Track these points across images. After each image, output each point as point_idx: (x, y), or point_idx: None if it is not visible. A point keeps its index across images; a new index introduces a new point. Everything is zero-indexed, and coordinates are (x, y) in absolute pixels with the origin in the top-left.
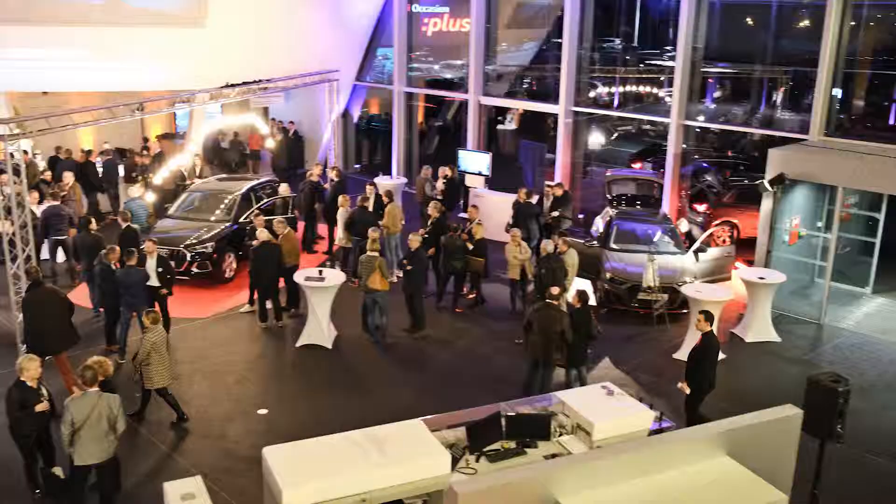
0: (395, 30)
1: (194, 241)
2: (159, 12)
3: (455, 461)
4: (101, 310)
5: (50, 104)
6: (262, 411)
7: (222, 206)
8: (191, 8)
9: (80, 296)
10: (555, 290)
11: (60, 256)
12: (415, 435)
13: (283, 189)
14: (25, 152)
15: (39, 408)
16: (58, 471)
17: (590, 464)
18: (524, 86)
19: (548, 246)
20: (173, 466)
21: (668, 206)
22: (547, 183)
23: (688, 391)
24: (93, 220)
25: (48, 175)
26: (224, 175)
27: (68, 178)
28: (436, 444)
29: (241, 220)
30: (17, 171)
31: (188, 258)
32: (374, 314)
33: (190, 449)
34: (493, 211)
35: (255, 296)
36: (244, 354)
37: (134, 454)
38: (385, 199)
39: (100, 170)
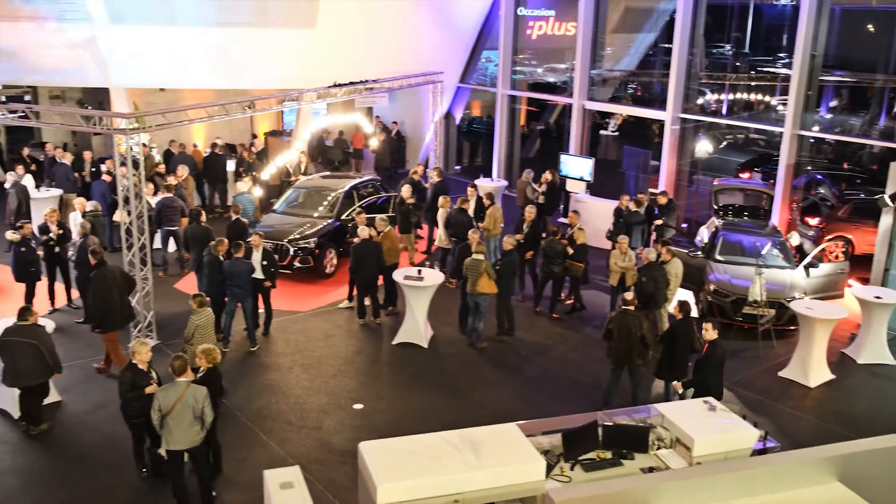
0: (500, 32)
1: (297, 237)
2: (272, 14)
3: (549, 468)
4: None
5: (166, 100)
6: (358, 406)
7: (325, 202)
8: (302, 10)
9: (188, 285)
10: (629, 296)
11: (172, 246)
12: (510, 439)
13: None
14: (144, 146)
15: (149, 390)
16: (164, 452)
17: (690, 480)
18: (629, 91)
19: (650, 255)
20: (270, 454)
21: (777, 218)
22: (650, 190)
23: (681, 391)
24: (203, 212)
25: (162, 168)
26: (328, 173)
27: (182, 171)
28: (531, 449)
29: (343, 217)
30: (135, 164)
31: (291, 252)
32: (473, 316)
33: (287, 439)
34: (594, 217)
35: (355, 292)
36: (342, 349)
37: (234, 440)
38: (486, 202)
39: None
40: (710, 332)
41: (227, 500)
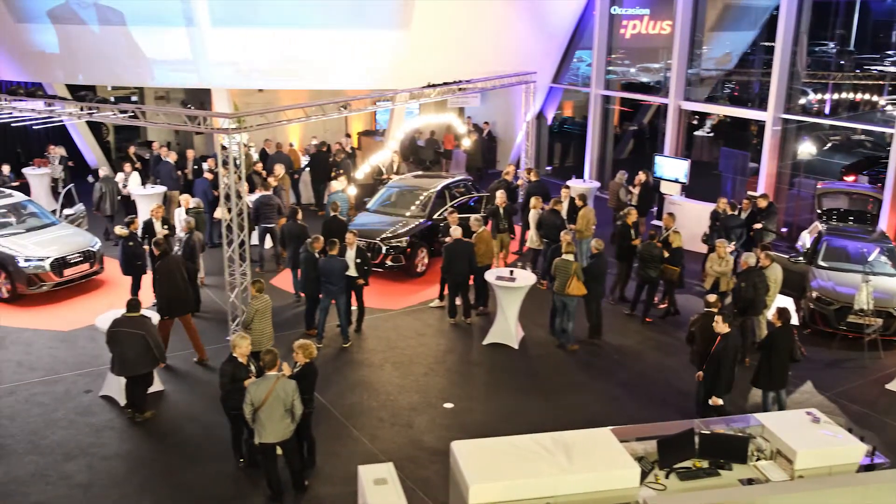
0: (595, 32)
1: (390, 235)
2: (368, 16)
3: (644, 475)
4: (302, 295)
5: (264, 101)
6: (448, 405)
7: (418, 202)
8: (397, 11)
9: (283, 281)
10: (711, 298)
11: (268, 243)
12: (603, 444)
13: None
14: (246, 145)
15: (247, 383)
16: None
17: (793, 494)
18: (726, 91)
19: (749, 259)
20: (362, 450)
21: (886, 223)
22: (749, 193)
23: (720, 402)
24: (299, 210)
25: (260, 167)
26: (420, 172)
27: (279, 170)
28: (625, 455)
29: (435, 216)
30: (236, 163)
31: (383, 251)
32: (562, 317)
33: (378, 435)
34: (689, 220)
35: (446, 291)
36: (432, 348)
37: (327, 435)
38: (578, 203)
39: (304, 163)
40: (720, 325)
41: (320, 492)
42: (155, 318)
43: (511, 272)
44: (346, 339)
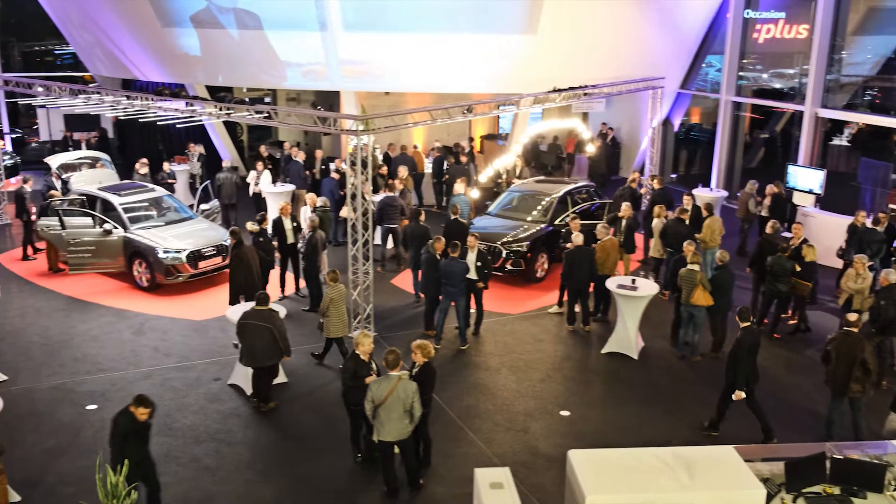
0: (727, 36)
1: (510, 240)
2: (495, 20)
3: (769, 497)
4: (422, 295)
5: (390, 103)
6: (565, 412)
7: (539, 207)
8: (525, 16)
9: (404, 281)
10: (852, 317)
11: (390, 243)
12: (726, 462)
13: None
14: (376, 148)
15: (368, 380)
16: (376, 440)
17: None
18: (866, 98)
19: (890, 276)
20: (477, 453)
21: None
22: (890, 206)
23: (743, 395)
24: (423, 212)
25: (384, 169)
26: (542, 177)
27: (403, 171)
28: (749, 475)
29: (557, 222)
30: (363, 164)
31: (503, 255)
32: (687, 329)
33: (493, 439)
34: (824, 233)
35: (565, 297)
36: (550, 354)
37: (443, 435)
38: (704, 212)
39: (428, 166)
40: (739, 322)
41: (435, 492)
42: (282, 312)
43: (633, 281)
44: (463, 341)
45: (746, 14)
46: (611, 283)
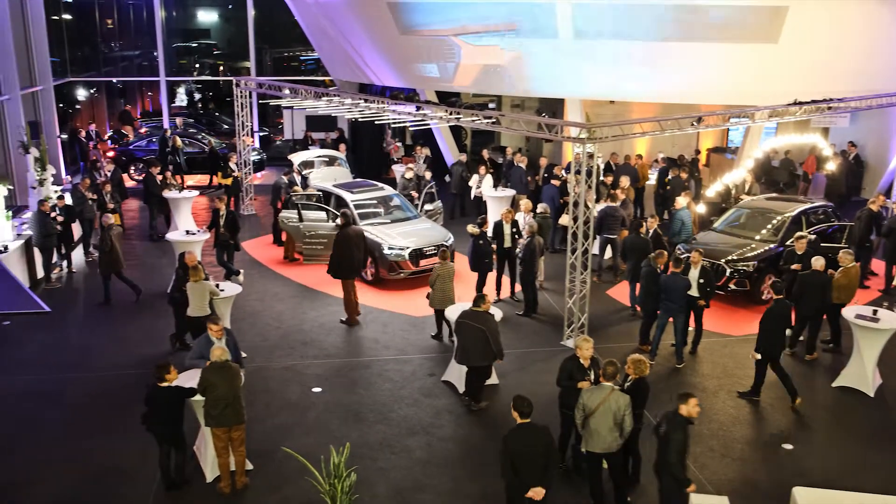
0: None
1: (736, 258)
2: (733, 29)
3: None
4: (638, 309)
5: (614, 112)
6: (787, 446)
7: (770, 225)
8: (766, 23)
9: (620, 293)
10: None
11: (608, 253)
12: None
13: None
14: (599, 157)
15: (581, 385)
16: (584, 450)
17: None
18: None
19: None
20: (690, 477)
21: None
22: None
23: (758, 357)
24: (644, 224)
25: (607, 178)
26: (774, 195)
27: (624, 181)
28: None
29: (788, 242)
30: (588, 173)
31: (728, 273)
32: None
33: (707, 464)
34: None
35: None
36: (772, 381)
37: (652, 454)
38: None
39: (653, 177)
40: (771, 293)
41: None
42: (498, 315)
43: (875, 311)
44: (679, 359)
45: None
46: (848, 313)
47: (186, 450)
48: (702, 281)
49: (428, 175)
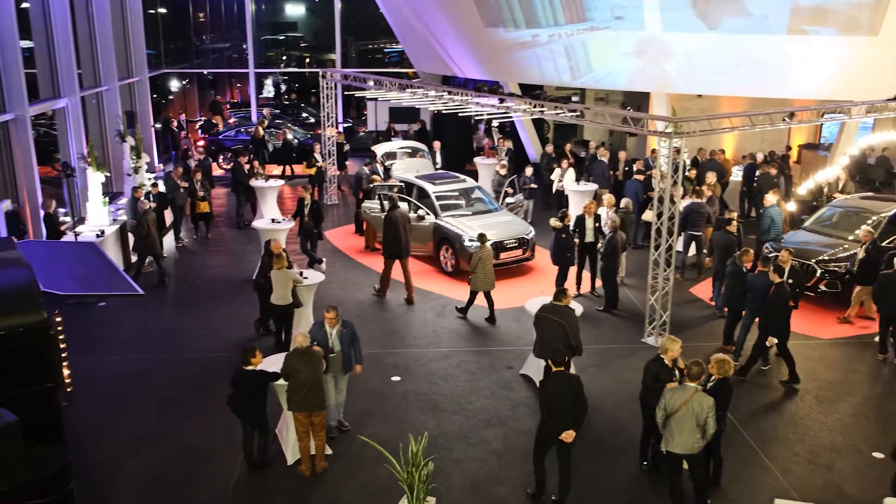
0: None
1: (828, 258)
2: (831, 20)
3: None
4: (725, 310)
5: (701, 107)
6: (878, 455)
7: (864, 226)
8: (865, 15)
9: (703, 290)
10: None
11: (692, 250)
12: None
13: None
14: (685, 152)
15: (670, 386)
16: (664, 450)
17: None
18: None
19: None
20: (771, 482)
21: None
22: None
23: (775, 341)
24: (734, 220)
25: (692, 173)
26: (869, 194)
27: (711, 178)
28: None
29: (884, 244)
30: (674, 168)
31: (818, 274)
32: None
33: (791, 470)
34: None
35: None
36: (863, 387)
37: (735, 457)
38: None
39: (736, 173)
40: (774, 276)
41: None
42: (578, 309)
43: None
44: (765, 361)
45: None
46: None
47: (269, 432)
48: (790, 281)
49: (529, 171)
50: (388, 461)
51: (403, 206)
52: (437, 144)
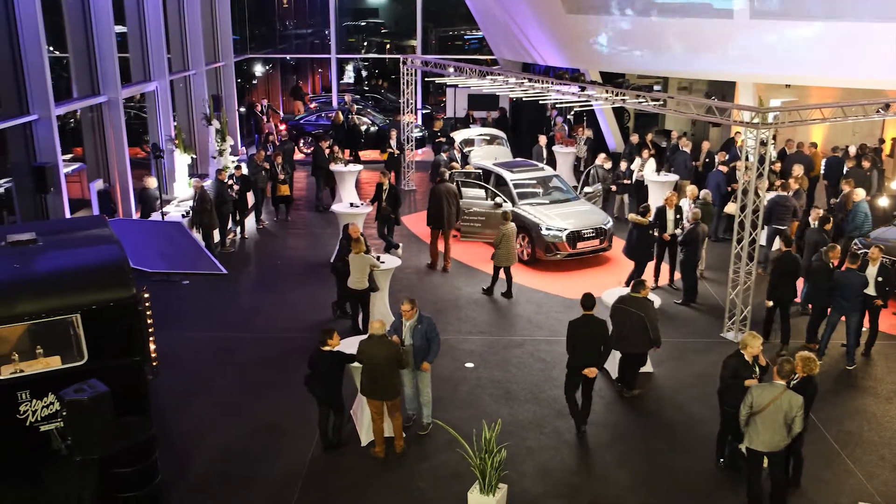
0: None
1: None
2: None
3: None
4: (809, 306)
5: (790, 97)
6: None
7: None
8: None
9: None
10: None
11: (776, 245)
12: None
13: None
14: (772, 144)
15: (748, 383)
16: (744, 449)
17: None
18: None
19: None
20: (854, 485)
21: None
22: None
23: (770, 304)
24: (832, 218)
25: (777, 166)
26: None
27: (797, 170)
28: None
29: None
30: (760, 160)
31: None
32: None
33: (875, 474)
34: None
35: None
36: None
37: (817, 457)
38: None
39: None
40: (783, 246)
41: None
42: (657, 301)
43: None
44: (850, 360)
45: None
46: None
47: (344, 413)
48: (880, 279)
49: (623, 165)
50: (460, 446)
51: (451, 185)
52: (542, 139)
